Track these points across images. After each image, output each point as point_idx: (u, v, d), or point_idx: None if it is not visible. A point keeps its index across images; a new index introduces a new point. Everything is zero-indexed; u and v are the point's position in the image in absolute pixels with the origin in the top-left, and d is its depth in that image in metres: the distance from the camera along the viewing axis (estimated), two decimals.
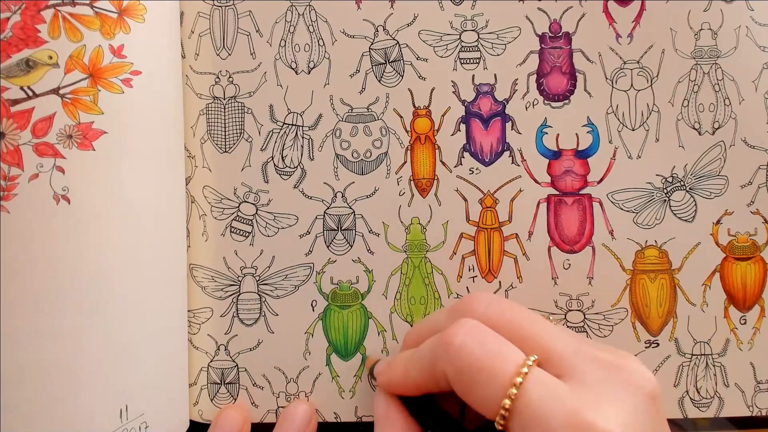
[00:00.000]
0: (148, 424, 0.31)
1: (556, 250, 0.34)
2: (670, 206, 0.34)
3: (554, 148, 0.34)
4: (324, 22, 0.34)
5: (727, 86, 0.33)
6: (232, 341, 0.34)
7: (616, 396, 0.24)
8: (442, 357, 0.26)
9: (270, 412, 0.34)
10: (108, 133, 0.30)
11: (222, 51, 0.34)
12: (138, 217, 0.31)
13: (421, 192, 0.34)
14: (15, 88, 0.28)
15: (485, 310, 0.28)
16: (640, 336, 0.34)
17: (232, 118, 0.34)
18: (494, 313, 0.27)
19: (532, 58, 0.34)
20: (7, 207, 0.28)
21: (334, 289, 0.34)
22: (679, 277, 0.33)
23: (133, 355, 0.31)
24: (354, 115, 0.34)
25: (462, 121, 0.34)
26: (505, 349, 0.25)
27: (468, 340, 0.26)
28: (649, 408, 0.25)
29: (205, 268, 0.34)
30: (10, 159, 0.28)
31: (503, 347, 0.26)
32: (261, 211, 0.34)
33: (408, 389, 0.29)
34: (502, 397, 0.24)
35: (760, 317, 0.33)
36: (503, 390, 0.24)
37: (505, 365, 0.25)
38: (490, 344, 0.26)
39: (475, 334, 0.26)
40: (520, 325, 0.27)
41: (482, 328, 0.26)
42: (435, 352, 0.27)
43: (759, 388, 0.33)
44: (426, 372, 0.27)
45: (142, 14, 0.31)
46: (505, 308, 0.28)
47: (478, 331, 0.26)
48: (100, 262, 0.29)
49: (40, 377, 0.28)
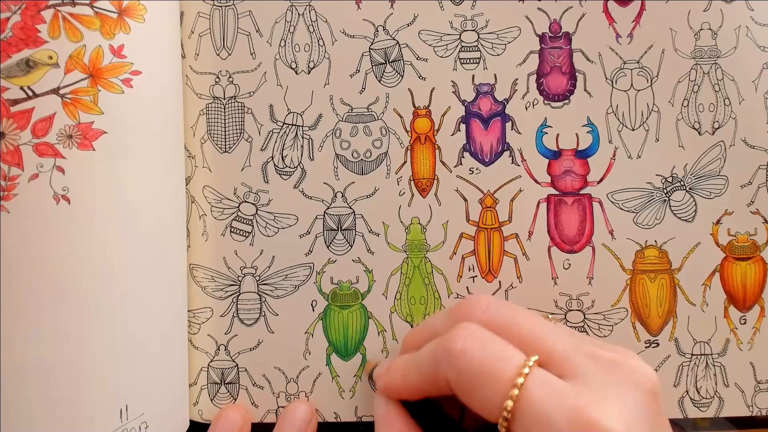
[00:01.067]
0: (148, 424, 0.31)
1: (556, 250, 0.34)
2: (670, 206, 0.34)
3: (554, 148, 0.34)
4: (324, 22, 0.34)
5: (727, 86, 0.33)
6: (232, 341, 0.34)
7: (618, 393, 0.24)
8: (443, 362, 0.26)
9: (270, 412, 0.34)
10: (108, 133, 0.30)
11: (222, 51, 0.34)
12: (138, 217, 0.31)
13: (421, 192, 0.34)
14: (15, 88, 0.28)
15: (484, 313, 0.28)
16: (640, 336, 0.34)
17: (232, 118, 0.34)
18: (493, 316, 0.27)
19: (532, 58, 0.34)
20: (7, 207, 0.28)
21: (334, 289, 0.34)
22: (679, 277, 0.33)
23: (133, 355, 0.31)
24: (354, 115, 0.34)
25: (462, 121, 0.34)
26: (506, 352, 0.25)
27: (468, 344, 0.26)
28: (650, 405, 0.25)
29: (205, 268, 0.34)
30: (10, 159, 0.28)
31: (504, 350, 0.26)
32: (261, 211, 0.34)
33: (408, 393, 0.29)
34: (504, 399, 0.24)
35: (760, 317, 0.33)
36: (505, 391, 0.24)
37: (506, 367, 0.25)
38: (490, 347, 0.26)
39: (475, 339, 0.26)
40: (519, 326, 0.27)
41: (482, 331, 0.26)
42: (435, 358, 0.27)
43: (759, 388, 0.33)
44: (426, 377, 0.27)
45: (142, 14, 0.31)
46: (504, 310, 0.28)
47: (478, 335, 0.26)
48: (100, 262, 0.29)
49: (40, 377, 0.28)
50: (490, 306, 0.28)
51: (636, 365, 0.26)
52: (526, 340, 0.26)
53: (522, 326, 0.27)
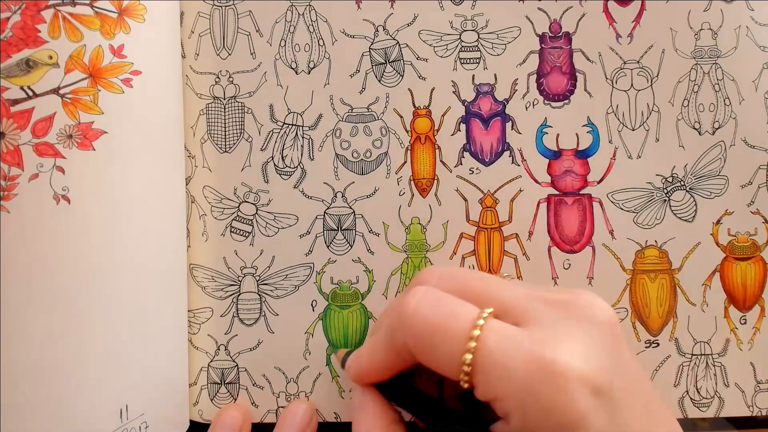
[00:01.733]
0: (148, 424, 0.31)
1: (556, 250, 0.34)
2: (670, 206, 0.34)
3: (554, 148, 0.34)
4: (324, 22, 0.34)
5: (727, 86, 0.33)
6: (232, 341, 0.34)
7: (572, 331, 0.24)
8: (398, 328, 0.26)
9: (270, 412, 0.34)
10: (108, 133, 0.30)
11: (222, 51, 0.34)
12: (138, 217, 0.31)
13: (421, 192, 0.34)
14: (15, 88, 0.28)
15: (438, 280, 0.28)
16: (641, 336, 0.34)
17: (232, 118, 0.34)
18: (446, 281, 0.27)
19: (532, 58, 0.34)
20: (7, 207, 0.28)
21: (334, 289, 0.34)
22: (679, 277, 0.33)
23: (133, 355, 0.31)
24: (354, 115, 0.34)
25: (462, 121, 0.34)
26: (459, 307, 0.26)
27: (421, 306, 0.26)
28: (607, 336, 0.25)
29: (205, 268, 0.34)
30: (10, 159, 0.28)
31: (457, 306, 0.26)
32: (261, 211, 0.34)
33: (378, 374, 0.29)
34: (462, 353, 0.24)
35: (760, 317, 0.33)
36: (462, 346, 0.24)
37: (460, 322, 0.25)
38: (443, 306, 0.26)
39: (427, 299, 0.26)
40: (471, 285, 0.27)
41: (434, 291, 0.26)
42: (392, 327, 0.27)
43: (759, 388, 0.33)
44: (389, 350, 0.27)
45: (142, 14, 0.31)
46: (456, 274, 0.28)
47: (429, 296, 0.26)
48: (100, 262, 0.29)
49: (40, 377, 0.28)
50: (443, 272, 0.28)
51: (589, 301, 0.26)
52: (479, 297, 0.26)
53: (474, 285, 0.27)
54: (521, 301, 0.26)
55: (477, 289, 0.27)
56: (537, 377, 0.23)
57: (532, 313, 0.25)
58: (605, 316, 0.25)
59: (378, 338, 0.28)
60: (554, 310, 0.25)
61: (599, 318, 0.25)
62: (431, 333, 0.25)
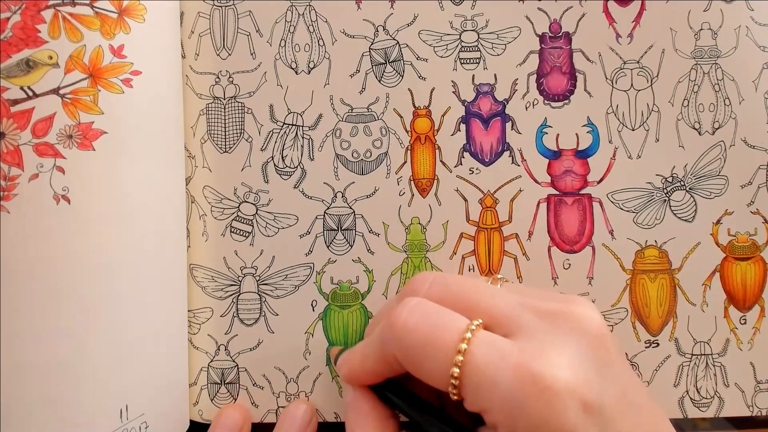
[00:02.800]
0: (148, 424, 0.31)
1: (556, 250, 0.34)
2: (670, 206, 0.34)
3: (554, 148, 0.34)
4: (324, 22, 0.34)
5: (727, 86, 0.33)
6: (232, 341, 0.34)
7: (560, 343, 0.24)
8: (388, 340, 0.26)
9: (270, 412, 0.34)
10: (108, 133, 0.30)
11: (222, 51, 0.34)
12: (138, 217, 0.31)
13: (421, 192, 0.34)
14: (15, 88, 0.28)
15: (429, 288, 0.28)
16: (640, 336, 0.34)
17: (232, 118, 0.34)
18: (438, 290, 0.27)
19: (532, 58, 0.34)
20: (7, 207, 0.28)
21: (334, 289, 0.34)
22: (679, 277, 0.33)
23: (133, 355, 0.31)
24: (354, 115, 0.34)
25: (462, 121, 0.34)
26: (448, 319, 0.25)
27: (411, 317, 0.26)
28: (598, 348, 0.24)
29: (205, 268, 0.34)
30: (10, 159, 0.28)
31: (446, 318, 0.26)
32: (261, 211, 0.34)
33: (367, 378, 0.29)
34: (449, 366, 0.24)
35: (760, 317, 0.33)
36: (449, 359, 0.24)
37: (448, 335, 0.25)
38: (432, 317, 0.26)
39: (417, 311, 0.26)
40: (464, 295, 0.27)
41: (425, 303, 0.26)
42: (383, 337, 0.27)
43: (759, 388, 0.33)
44: (379, 357, 0.27)
45: (142, 14, 0.31)
46: (449, 281, 0.28)
47: (420, 308, 0.26)
48: (100, 263, 0.29)
49: (40, 377, 0.28)
50: (435, 280, 0.28)
51: (580, 312, 0.25)
52: (470, 307, 0.26)
53: (466, 295, 0.27)
54: (512, 311, 0.26)
55: (468, 298, 0.27)
56: (525, 391, 0.23)
57: (522, 323, 0.25)
58: (595, 328, 0.25)
59: (369, 344, 0.28)
60: (544, 321, 0.25)
61: (589, 330, 0.25)
62: (420, 346, 0.25)
